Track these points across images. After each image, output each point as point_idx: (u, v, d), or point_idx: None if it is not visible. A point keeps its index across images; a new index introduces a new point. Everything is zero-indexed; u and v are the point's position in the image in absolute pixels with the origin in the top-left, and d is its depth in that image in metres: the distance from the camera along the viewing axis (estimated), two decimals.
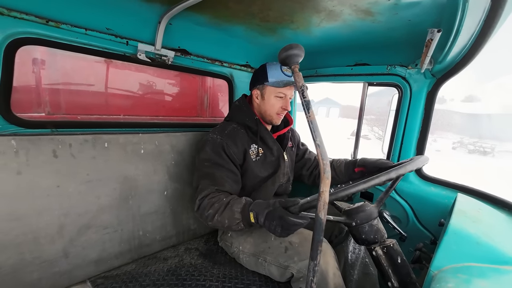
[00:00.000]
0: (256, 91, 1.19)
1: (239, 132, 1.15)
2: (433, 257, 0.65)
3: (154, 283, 1.02)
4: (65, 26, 0.98)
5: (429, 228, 1.16)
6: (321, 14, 0.97)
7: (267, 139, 1.19)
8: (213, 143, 1.09)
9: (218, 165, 1.06)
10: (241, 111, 1.20)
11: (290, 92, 1.15)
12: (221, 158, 1.07)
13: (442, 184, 1.18)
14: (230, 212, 0.92)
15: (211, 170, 1.05)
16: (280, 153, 1.23)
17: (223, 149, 1.07)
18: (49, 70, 1.14)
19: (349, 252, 1.09)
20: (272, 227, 0.80)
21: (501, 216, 0.86)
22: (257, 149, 1.17)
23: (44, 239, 0.95)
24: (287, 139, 1.30)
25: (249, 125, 1.17)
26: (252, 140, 1.18)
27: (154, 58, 1.24)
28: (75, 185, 1.01)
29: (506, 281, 0.55)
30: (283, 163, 1.24)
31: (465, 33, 0.76)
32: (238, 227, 0.92)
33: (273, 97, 1.15)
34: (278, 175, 1.22)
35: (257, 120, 1.17)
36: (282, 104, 1.16)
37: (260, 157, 1.18)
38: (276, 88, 1.12)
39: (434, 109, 1.17)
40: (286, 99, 1.16)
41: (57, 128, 1.06)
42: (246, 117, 1.18)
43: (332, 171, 1.32)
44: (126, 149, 1.14)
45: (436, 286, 0.55)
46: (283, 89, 1.13)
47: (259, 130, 1.16)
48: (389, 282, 0.77)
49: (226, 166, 1.07)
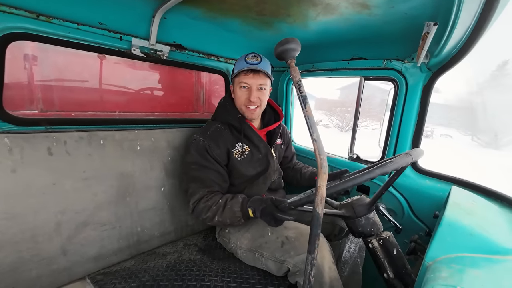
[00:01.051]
0: (231, 87, 1.20)
1: (222, 132, 1.14)
2: (427, 248, 0.66)
3: (153, 279, 1.03)
4: (56, 20, 0.96)
5: (424, 220, 1.18)
6: (317, 8, 0.96)
7: (252, 136, 1.17)
8: (197, 145, 1.10)
9: (204, 167, 1.08)
10: (225, 109, 1.19)
11: (253, 82, 1.09)
12: (207, 160, 1.08)
13: (437, 177, 1.20)
14: (231, 212, 1.00)
15: (198, 173, 1.08)
16: (267, 150, 1.21)
17: (206, 151, 1.08)
18: (42, 66, 1.11)
19: (344, 250, 1.11)
20: (267, 221, 0.93)
21: (494, 207, 0.88)
22: (243, 147, 1.16)
23: (42, 237, 0.95)
24: (276, 135, 1.29)
25: (233, 124, 1.15)
26: (237, 138, 1.16)
27: (149, 53, 1.22)
28: (71, 183, 1.00)
29: (498, 270, 0.57)
30: (273, 160, 1.23)
31: (461, 26, 0.76)
32: (240, 223, 1.02)
33: (238, 88, 1.13)
34: (269, 172, 1.22)
35: (240, 118, 1.15)
36: (247, 95, 1.11)
37: (247, 156, 1.16)
38: (239, 78, 1.11)
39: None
40: (250, 90, 1.10)
41: (52, 126, 1.04)
42: (230, 116, 1.16)
43: (297, 175, 1.40)
44: (122, 146, 1.13)
45: (430, 276, 0.56)
46: (244, 77, 1.08)
47: (242, 128, 1.14)
48: (385, 273, 0.79)
49: (213, 168, 1.08)
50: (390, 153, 1.30)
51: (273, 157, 1.24)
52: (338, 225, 1.18)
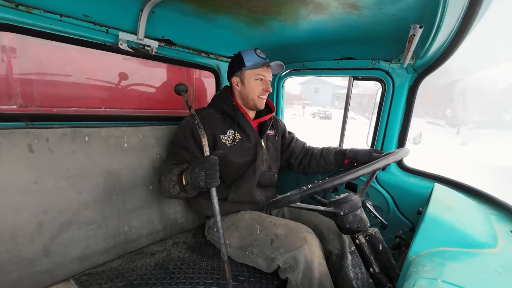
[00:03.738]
0: (235, 79, 1.20)
1: (213, 117, 1.18)
2: (411, 244, 0.68)
3: (141, 278, 1.02)
4: (37, 11, 0.91)
5: (408, 216, 1.23)
6: (308, 7, 0.97)
7: (245, 125, 1.21)
8: (186, 126, 1.14)
9: (182, 146, 1.12)
10: (221, 98, 1.23)
11: (268, 74, 1.19)
12: (187, 141, 1.11)
13: (421, 175, 1.24)
14: (169, 175, 0.96)
15: (175, 149, 1.14)
16: (257, 140, 1.25)
17: (191, 133, 1.11)
18: (21, 59, 1.06)
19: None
20: (196, 176, 0.83)
21: (472, 203, 0.92)
22: (234, 134, 1.19)
23: (22, 238, 0.91)
24: (267, 127, 1.30)
25: (227, 111, 1.20)
26: (230, 125, 1.20)
27: (136, 48, 1.19)
28: (54, 181, 0.96)
29: (475, 263, 0.60)
30: (261, 150, 1.25)
31: (445, 29, 0.79)
32: (175, 191, 0.94)
33: (252, 80, 1.17)
34: (258, 162, 1.23)
35: (234, 106, 1.19)
36: (263, 86, 1.19)
37: (237, 143, 1.19)
38: (255, 70, 1.16)
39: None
40: (266, 81, 1.19)
41: (32, 121, 1.00)
42: (224, 103, 1.21)
43: (321, 160, 1.33)
44: (108, 143, 1.10)
45: (414, 270, 0.59)
46: (261, 70, 1.17)
47: (236, 115, 1.18)
48: (371, 268, 0.81)
49: (190, 149, 1.11)
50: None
51: (262, 147, 1.26)
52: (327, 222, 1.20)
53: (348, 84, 1.45)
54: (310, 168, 1.38)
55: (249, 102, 1.21)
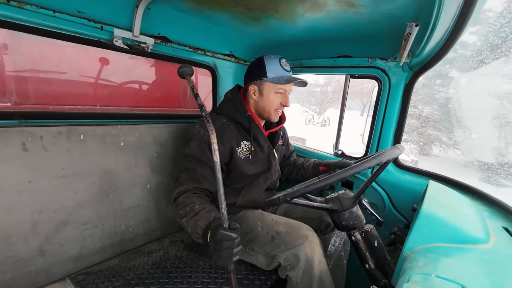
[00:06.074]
0: (253, 87, 1.13)
1: (228, 129, 1.10)
2: (406, 240, 0.70)
3: (138, 277, 1.01)
4: (30, 6, 0.89)
5: (403, 213, 1.24)
6: (305, 4, 0.97)
7: (259, 136, 1.16)
8: (200, 139, 1.04)
9: (200, 162, 1.03)
10: (233, 106, 1.14)
11: (289, 88, 1.13)
12: (205, 156, 1.03)
13: (416, 172, 1.26)
14: (195, 224, 0.87)
15: (193, 166, 1.03)
16: (270, 150, 1.22)
17: (208, 147, 1.03)
18: (14, 56, 1.04)
19: (330, 244, 1.15)
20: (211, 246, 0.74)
21: (466, 200, 0.94)
22: (248, 146, 1.14)
23: (17, 238, 0.90)
24: (278, 137, 1.29)
25: (241, 122, 1.13)
26: (244, 136, 1.13)
27: (132, 45, 1.17)
28: (49, 180, 0.95)
29: (468, 258, 0.61)
30: (274, 161, 1.24)
31: (440, 28, 0.79)
32: (198, 240, 0.87)
33: (272, 93, 1.11)
34: (271, 173, 1.22)
35: (249, 117, 1.12)
36: (281, 100, 1.13)
37: (250, 155, 1.15)
38: (276, 84, 1.08)
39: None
40: (285, 95, 1.13)
41: (26, 119, 0.98)
42: (238, 113, 1.13)
43: (301, 169, 1.40)
44: (104, 141, 1.09)
45: (408, 265, 0.60)
46: (284, 85, 1.09)
47: (251, 127, 1.12)
48: (366, 264, 0.82)
49: (209, 164, 1.03)
50: (374, 149, 1.34)
51: (275, 157, 1.25)
52: (325, 220, 1.21)
53: (344, 82, 1.45)
54: (292, 176, 1.46)
55: (264, 114, 1.16)
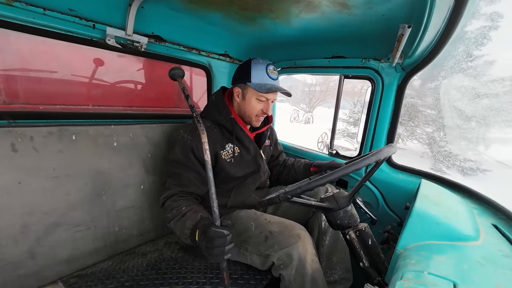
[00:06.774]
0: (238, 89, 1.13)
1: (211, 133, 1.10)
2: (399, 238, 0.71)
3: (133, 279, 1.00)
4: (19, 4, 0.87)
5: (396, 211, 1.26)
6: (300, 5, 0.97)
7: (243, 138, 1.16)
8: (183, 144, 1.04)
9: (185, 166, 1.03)
10: (217, 109, 1.14)
11: (273, 96, 1.11)
12: (189, 160, 1.03)
13: (409, 171, 1.28)
14: (182, 226, 0.88)
15: (178, 171, 1.04)
16: (256, 151, 1.22)
17: (192, 152, 1.03)
18: (3, 54, 1.01)
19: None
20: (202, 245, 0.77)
21: (457, 198, 0.96)
22: (233, 148, 1.14)
23: (6, 240, 0.88)
24: (265, 137, 1.29)
25: (224, 124, 1.13)
26: (228, 139, 1.14)
27: (125, 44, 1.16)
28: (40, 181, 0.93)
29: (460, 255, 0.62)
30: (262, 162, 1.24)
31: (432, 29, 0.81)
32: (187, 241, 0.88)
33: (254, 99, 1.10)
34: (260, 174, 1.23)
35: (232, 120, 1.12)
36: (263, 107, 1.12)
37: (236, 157, 1.15)
38: (258, 91, 1.07)
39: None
40: (267, 103, 1.12)
41: (15, 120, 0.96)
42: (222, 116, 1.13)
43: (292, 170, 1.41)
44: (97, 142, 1.07)
45: (401, 263, 0.61)
46: (267, 94, 1.08)
47: (234, 130, 1.12)
48: (360, 263, 0.83)
49: (194, 168, 1.04)
50: (367, 148, 1.36)
51: (263, 158, 1.25)
52: (318, 219, 1.22)
53: (338, 82, 1.47)
54: (282, 177, 1.46)
55: (245, 118, 1.16)
